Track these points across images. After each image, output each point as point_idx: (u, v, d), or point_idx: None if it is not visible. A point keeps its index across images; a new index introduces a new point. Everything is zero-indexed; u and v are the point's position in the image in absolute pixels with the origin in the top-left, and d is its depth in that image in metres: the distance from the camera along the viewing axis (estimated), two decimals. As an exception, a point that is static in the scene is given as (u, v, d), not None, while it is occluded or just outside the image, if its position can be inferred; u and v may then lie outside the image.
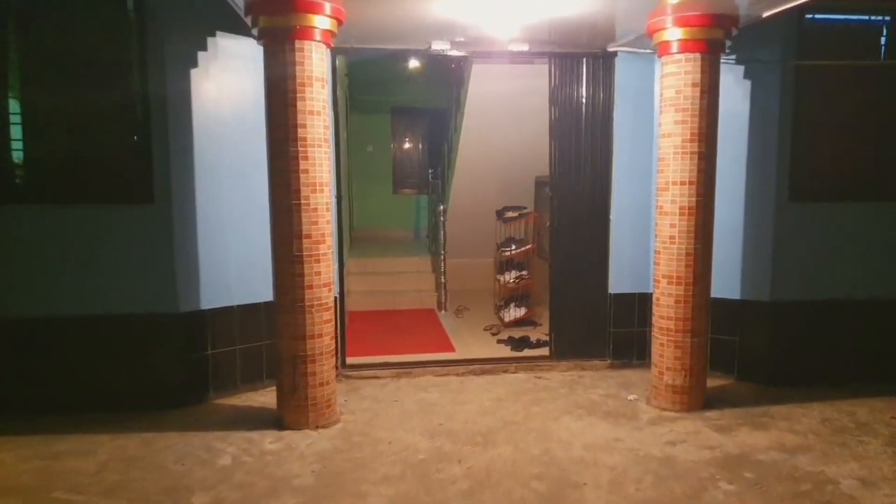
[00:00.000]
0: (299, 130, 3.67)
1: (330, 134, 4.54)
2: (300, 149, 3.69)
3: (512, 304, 6.19)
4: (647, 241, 5.01)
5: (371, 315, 6.86)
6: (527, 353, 5.30)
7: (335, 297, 4.81)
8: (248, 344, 4.55)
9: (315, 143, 3.73)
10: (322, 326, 3.85)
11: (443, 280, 7.08)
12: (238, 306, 4.51)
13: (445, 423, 3.96)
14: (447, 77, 8.65)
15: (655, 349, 4.22)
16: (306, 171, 3.71)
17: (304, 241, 3.75)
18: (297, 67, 3.63)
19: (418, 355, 5.25)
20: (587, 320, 5.12)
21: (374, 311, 7.05)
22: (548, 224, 5.24)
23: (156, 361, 4.24)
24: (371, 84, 10.77)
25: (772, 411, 4.08)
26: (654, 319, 4.23)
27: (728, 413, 4.06)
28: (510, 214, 6.25)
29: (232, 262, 4.45)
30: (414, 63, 10.83)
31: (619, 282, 5.08)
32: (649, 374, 4.64)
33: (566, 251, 5.10)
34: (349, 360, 5.01)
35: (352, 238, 9.92)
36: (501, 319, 6.28)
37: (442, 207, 6.98)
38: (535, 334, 5.87)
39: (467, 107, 5.90)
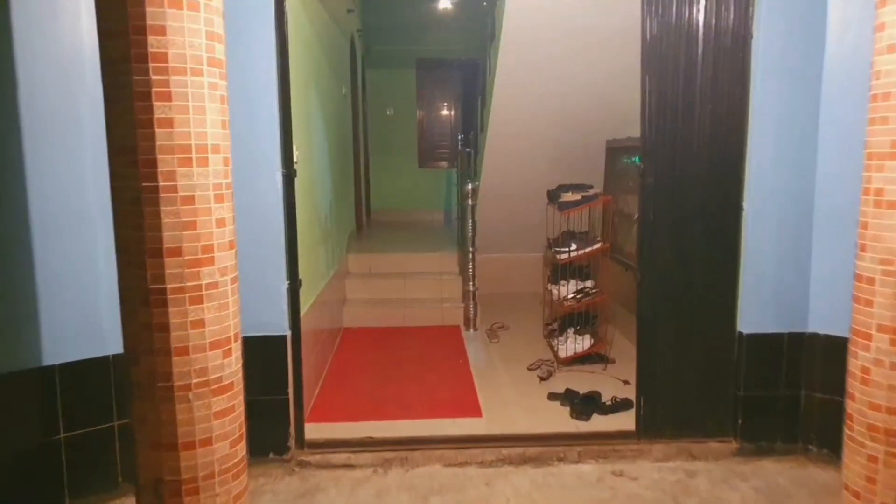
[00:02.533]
0: (151, 41, 1.86)
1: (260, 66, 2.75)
2: (153, 77, 1.87)
3: (570, 331, 4.29)
4: (806, 249, 3.07)
5: (370, 337, 5.08)
6: (596, 423, 3.42)
7: (285, 338, 3.07)
8: (139, 414, 2.81)
9: (187, 68, 1.90)
10: (213, 424, 2.06)
11: (471, 288, 5.21)
12: (117, 356, 2.78)
13: None
14: (485, 19, 6.69)
15: (856, 464, 2.28)
16: (168, 123, 1.90)
17: (168, 261, 1.95)
18: None
19: (424, 422, 3.45)
20: (700, 375, 3.21)
21: (376, 329, 5.26)
22: (635, 215, 3.30)
23: (-31, 452, 2.56)
24: (391, 31, 8.92)
25: None
26: (853, 406, 2.28)
27: None
28: (568, 197, 4.31)
29: (103, 284, 2.71)
30: (444, 3, 8.93)
31: (755, 314, 3.14)
32: (810, 472, 2.75)
33: (666, 261, 3.17)
34: (312, 433, 3.25)
35: (367, 223, 8.16)
36: (555, 352, 4.39)
37: (470, 186, 5.08)
38: (606, 382, 3.97)
39: (504, 34, 3.97)
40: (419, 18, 8.87)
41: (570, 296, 4.28)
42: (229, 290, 2.08)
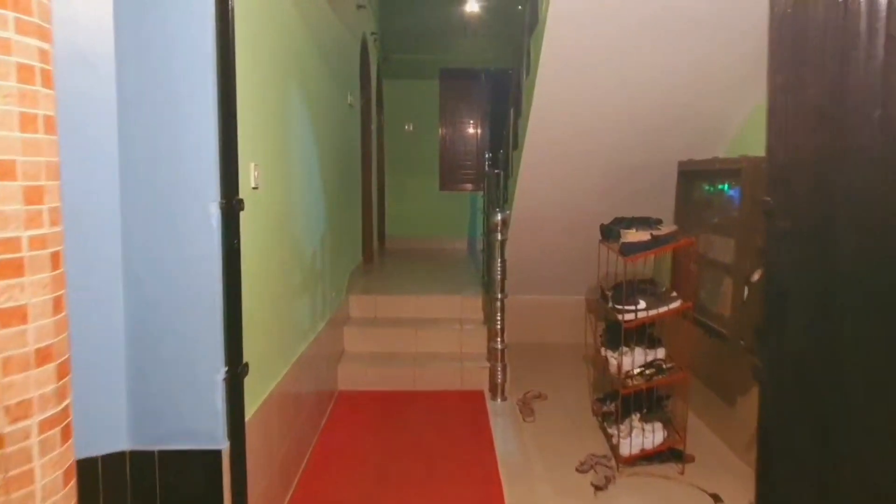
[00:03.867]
0: None
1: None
2: None
3: (635, 418, 3.20)
4: None
5: (370, 406, 4.04)
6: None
7: (219, 453, 2.06)
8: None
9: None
10: None
11: (499, 345, 4.15)
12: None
13: None
14: (516, 24, 5.72)
15: None
16: None
17: None
18: None
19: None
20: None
21: (378, 393, 4.23)
22: (755, 276, 2.24)
23: None
24: (411, 37, 8.03)
25: None
26: None
27: None
28: (632, 236, 3.25)
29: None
30: (471, 6, 8.03)
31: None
32: None
33: (805, 346, 2.09)
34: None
35: (380, 252, 7.19)
36: (613, 446, 3.30)
37: (499, 217, 4.04)
38: (688, 496, 2.87)
39: (550, 17, 2.96)
40: (443, 23, 7.97)
41: (636, 371, 3.20)
42: (35, 446, 1.06)
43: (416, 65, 8.23)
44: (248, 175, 2.27)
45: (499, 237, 4.07)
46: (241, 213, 2.05)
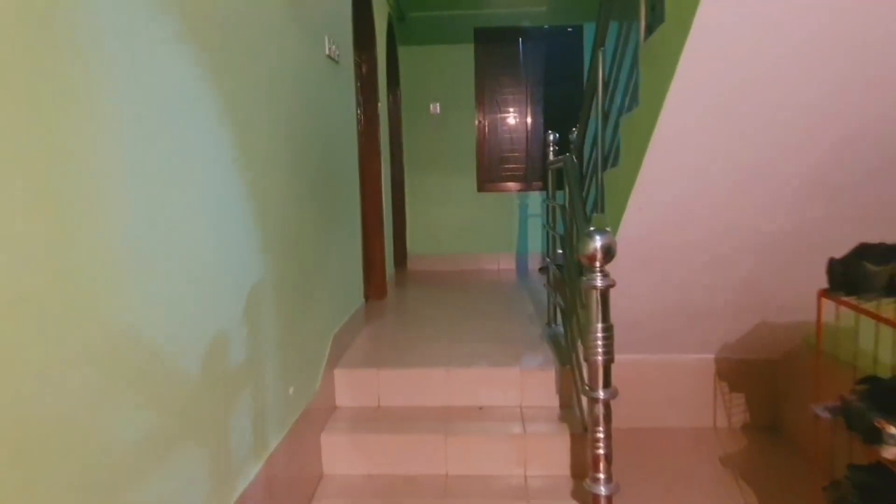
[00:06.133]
0: None
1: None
2: None
3: None
4: None
5: None
6: None
7: None
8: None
9: None
10: None
11: (602, 489, 2.25)
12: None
13: None
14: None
15: None
16: None
17: None
18: None
19: None
20: None
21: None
22: None
23: None
24: (437, -12, 6.19)
25: None
26: None
27: None
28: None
29: None
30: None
31: None
32: None
33: None
34: None
35: (397, 280, 5.39)
36: None
37: (598, 243, 2.11)
38: None
39: None
40: (478, -33, 6.14)
41: None
42: None
43: (444, 25, 6.40)
44: None
45: (598, 281, 2.16)
46: None
